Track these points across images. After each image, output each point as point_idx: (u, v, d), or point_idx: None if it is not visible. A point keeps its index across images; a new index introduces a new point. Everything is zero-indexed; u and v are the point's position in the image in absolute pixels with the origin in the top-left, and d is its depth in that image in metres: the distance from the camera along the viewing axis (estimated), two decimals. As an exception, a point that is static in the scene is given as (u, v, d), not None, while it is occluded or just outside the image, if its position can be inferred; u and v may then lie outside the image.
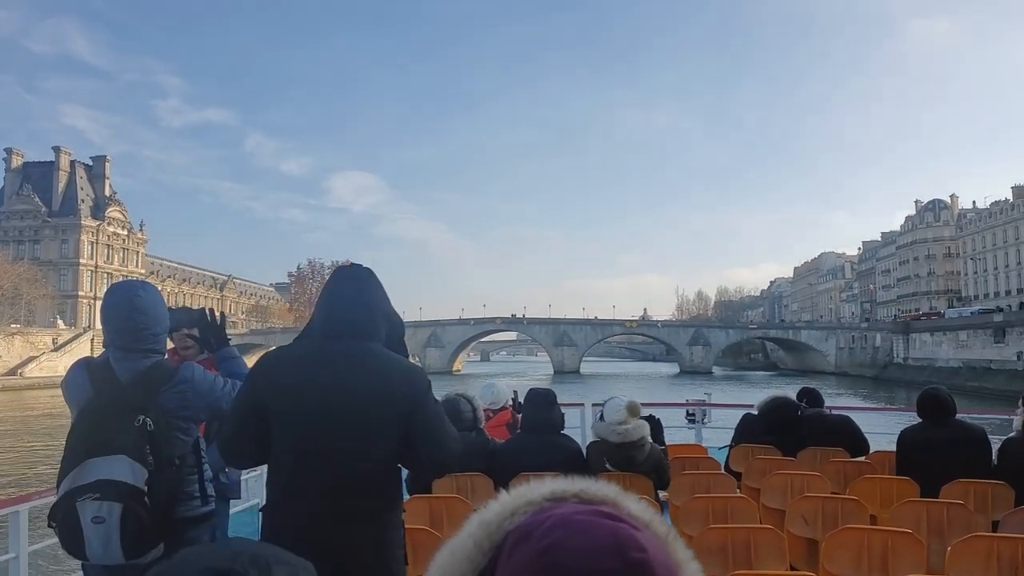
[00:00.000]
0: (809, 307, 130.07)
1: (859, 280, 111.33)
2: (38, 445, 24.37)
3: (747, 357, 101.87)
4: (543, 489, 0.58)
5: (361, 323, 2.08)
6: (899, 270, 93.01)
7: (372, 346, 2.08)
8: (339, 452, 1.94)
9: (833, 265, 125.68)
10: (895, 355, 66.32)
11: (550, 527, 0.51)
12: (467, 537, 0.56)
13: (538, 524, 0.52)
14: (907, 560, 2.81)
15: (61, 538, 2.32)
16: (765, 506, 4.01)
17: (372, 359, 2.05)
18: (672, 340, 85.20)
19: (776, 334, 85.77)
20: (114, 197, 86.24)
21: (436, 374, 77.52)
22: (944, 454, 4.01)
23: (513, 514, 0.56)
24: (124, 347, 2.47)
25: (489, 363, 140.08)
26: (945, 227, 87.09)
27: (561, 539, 0.49)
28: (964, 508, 3.48)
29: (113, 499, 2.24)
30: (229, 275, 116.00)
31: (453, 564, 0.54)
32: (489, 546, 0.54)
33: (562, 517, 0.52)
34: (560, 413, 4.18)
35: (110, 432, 2.29)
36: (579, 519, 0.51)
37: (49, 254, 79.19)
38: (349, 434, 1.95)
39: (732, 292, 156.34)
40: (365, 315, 2.10)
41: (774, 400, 5.20)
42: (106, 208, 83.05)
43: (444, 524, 3.48)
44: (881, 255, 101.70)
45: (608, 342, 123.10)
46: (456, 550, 0.55)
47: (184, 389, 2.46)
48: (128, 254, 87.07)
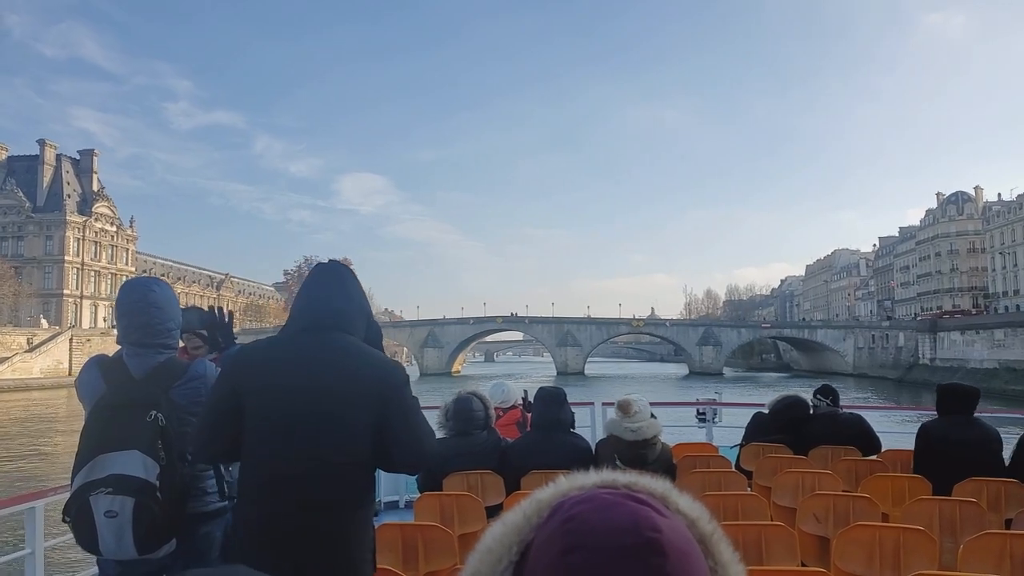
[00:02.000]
0: (822, 306, 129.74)
1: (875, 277, 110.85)
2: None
3: (759, 358, 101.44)
4: (596, 477, 0.63)
5: (337, 315, 2.12)
6: (919, 266, 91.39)
7: (348, 339, 2.11)
8: (307, 449, 1.96)
9: (847, 262, 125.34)
10: (921, 355, 64.47)
11: (577, 501, 0.57)
12: (520, 512, 0.62)
13: (570, 499, 0.58)
14: (919, 557, 2.89)
15: (75, 532, 2.43)
16: (776, 504, 4.13)
17: (347, 352, 2.08)
18: (681, 340, 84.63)
19: (790, 333, 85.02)
20: (102, 192, 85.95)
21: (434, 376, 76.03)
22: (962, 451, 4.12)
23: (564, 496, 0.61)
24: (138, 342, 2.59)
25: (493, 364, 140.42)
26: (969, 221, 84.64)
27: (584, 512, 0.55)
28: (977, 506, 3.58)
29: (126, 493, 2.34)
30: (226, 274, 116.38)
31: (504, 534, 0.60)
32: (537, 521, 0.59)
33: (591, 494, 0.58)
34: (570, 412, 4.34)
35: (123, 427, 2.40)
36: (605, 497, 0.57)
37: (33, 251, 78.73)
38: (319, 430, 1.98)
39: (742, 290, 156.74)
40: (343, 305, 2.14)
41: (785, 399, 5.35)
42: (94, 203, 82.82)
43: (455, 521, 3.62)
44: (899, 251, 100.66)
45: (614, 342, 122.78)
46: (508, 522, 0.61)
47: (196, 385, 2.58)
48: (117, 251, 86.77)
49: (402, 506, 6.51)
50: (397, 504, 6.59)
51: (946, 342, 61.82)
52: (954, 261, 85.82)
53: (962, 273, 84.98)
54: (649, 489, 0.60)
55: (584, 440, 4.42)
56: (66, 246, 78.79)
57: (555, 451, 4.01)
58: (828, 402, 5.30)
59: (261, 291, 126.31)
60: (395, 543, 3.25)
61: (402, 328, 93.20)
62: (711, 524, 0.60)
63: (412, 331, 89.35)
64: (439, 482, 4.05)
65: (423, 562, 3.21)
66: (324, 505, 1.96)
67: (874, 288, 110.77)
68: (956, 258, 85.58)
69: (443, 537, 3.24)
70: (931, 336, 63.66)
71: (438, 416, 4.38)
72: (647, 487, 0.61)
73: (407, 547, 3.24)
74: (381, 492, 6.67)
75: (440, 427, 4.34)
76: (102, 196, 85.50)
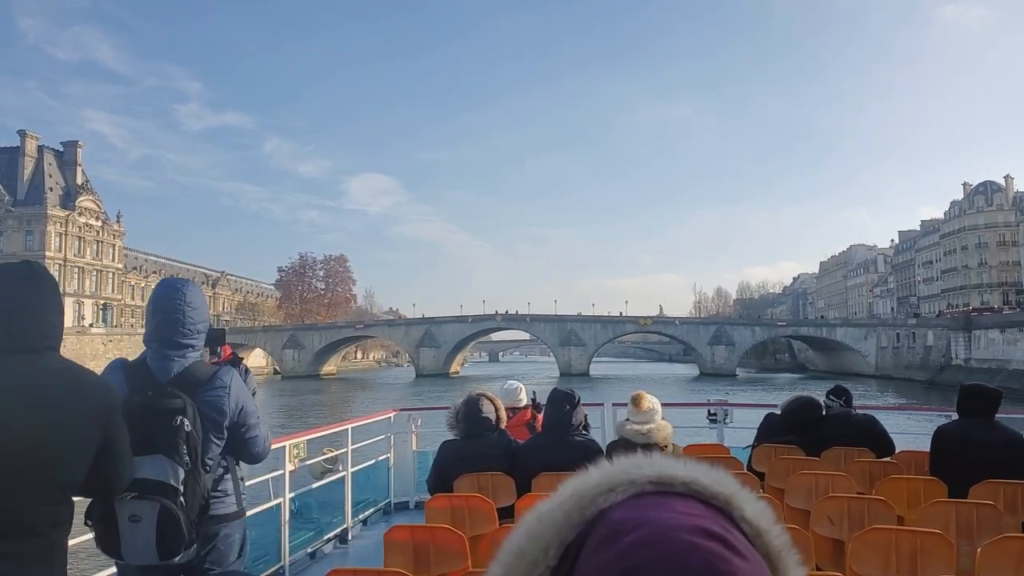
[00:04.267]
0: (838, 303, 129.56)
1: (895, 274, 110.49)
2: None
3: (772, 358, 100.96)
4: (649, 469, 0.56)
5: (25, 334, 1.94)
6: (944, 261, 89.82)
7: (38, 361, 1.95)
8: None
9: (864, 258, 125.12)
10: (954, 355, 61.32)
11: (641, 542, 0.48)
12: (558, 507, 0.55)
13: (631, 528, 0.49)
14: (936, 561, 2.98)
15: (97, 537, 2.53)
16: (789, 506, 4.26)
17: (31, 379, 1.92)
18: (691, 339, 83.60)
19: (808, 332, 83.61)
20: (87, 185, 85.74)
21: (430, 377, 75.58)
22: (978, 454, 4.22)
23: (611, 491, 0.54)
24: (166, 339, 2.70)
25: (498, 364, 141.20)
26: (999, 212, 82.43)
27: (649, 561, 0.46)
28: (994, 509, 3.67)
29: (150, 498, 2.46)
30: (222, 271, 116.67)
31: (540, 532, 0.54)
32: (579, 520, 0.53)
33: (657, 532, 0.49)
34: (583, 413, 4.47)
35: (147, 432, 2.50)
36: (674, 537, 0.48)
37: (12, 247, 77.65)
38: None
39: (754, 288, 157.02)
40: (27, 323, 1.96)
41: (797, 399, 5.49)
42: (77, 197, 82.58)
43: (466, 523, 3.76)
44: (921, 245, 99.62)
45: (621, 342, 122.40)
46: (544, 518, 0.54)
47: (220, 394, 2.69)
48: (102, 247, 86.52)
49: (412, 507, 6.68)
50: (407, 505, 6.77)
51: (983, 341, 58.54)
52: (983, 255, 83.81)
53: (991, 268, 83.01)
54: (712, 492, 0.53)
55: (595, 442, 4.56)
56: (47, 241, 78.42)
57: (566, 452, 4.14)
58: (841, 403, 5.43)
59: (260, 290, 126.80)
60: (406, 545, 3.37)
61: (397, 327, 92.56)
62: (781, 537, 0.53)
63: (408, 330, 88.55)
64: (449, 484, 4.19)
65: (434, 565, 3.33)
66: (11, 552, 1.83)
67: (893, 285, 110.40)
68: (985, 252, 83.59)
69: (454, 539, 3.34)
70: (965, 335, 60.61)
71: (448, 418, 4.52)
72: (712, 491, 0.54)
73: (418, 549, 3.35)
74: (391, 494, 6.86)
75: (450, 428, 4.49)
76: (87, 189, 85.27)
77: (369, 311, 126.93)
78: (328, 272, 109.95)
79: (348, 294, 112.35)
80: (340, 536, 5.90)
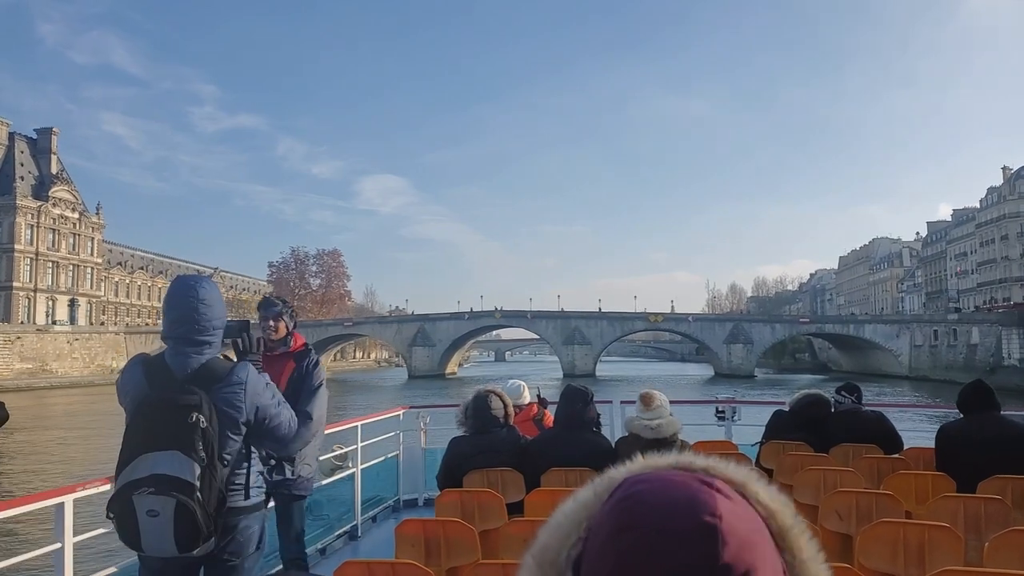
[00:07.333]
0: (860, 300, 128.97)
1: (923, 267, 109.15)
2: None
3: (791, 357, 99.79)
4: (672, 459, 0.64)
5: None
6: (980, 252, 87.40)
7: None
8: None
9: (888, 252, 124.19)
10: (1007, 355, 58.22)
11: (638, 479, 0.58)
12: (590, 488, 0.64)
13: (636, 476, 0.59)
14: (944, 554, 3.17)
15: (118, 530, 2.77)
16: (797, 502, 4.42)
17: None
18: (706, 337, 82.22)
19: (832, 329, 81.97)
20: (62, 175, 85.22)
21: (423, 378, 73.38)
22: (985, 450, 4.46)
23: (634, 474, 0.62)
24: (183, 337, 2.92)
25: (503, 364, 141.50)
26: None
27: (642, 491, 0.56)
28: (1002, 503, 3.89)
29: (167, 493, 2.68)
30: (216, 267, 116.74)
31: (574, 510, 0.62)
32: (606, 499, 0.61)
33: (655, 473, 0.59)
34: (595, 411, 4.76)
35: (165, 428, 2.73)
36: (668, 476, 0.58)
37: None
38: None
39: (770, 284, 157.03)
40: None
41: (806, 396, 5.80)
42: (52, 187, 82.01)
43: (476, 517, 4.03)
44: (954, 236, 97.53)
45: (630, 340, 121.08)
46: (579, 498, 0.64)
47: (236, 390, 2.91)
48: (80, 240, 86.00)
49: (421, 504, 7.00)
50: (416, 502, 7.10)
51: (1039, 338, 55.77)
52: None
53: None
54: (727, 475, 0.61)
55: (605, 438, 4.85)
56: (17, 233, 77.70)
57: (575, 448, 4.43)
58: (852, 399, 5.70)
59: (257, 287, 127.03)
60: (417, 538, 3.63)
61: (388, 324, 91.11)
62: (794, 518, 0.60)
63: (400, 327, 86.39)
64: (459, 480, 4.47)
65: (445, 558, 3.59)
66: None
67: (922, 279, 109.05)
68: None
69: (465, 532, 3.59)
70: (1020, 331, 57.84)
71: (457, 414, 4.80)
72: (725, 472, 0.61)
73: (429, 543, 3.61)
74: (400, 490, 7.20)
75: (459, 425, 4.77)
76: (62, 179, 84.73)
77: (370, 309, 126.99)
78: (321, 267, 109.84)
79: (342, 290, 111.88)
80: (350, 532, 6.20)
